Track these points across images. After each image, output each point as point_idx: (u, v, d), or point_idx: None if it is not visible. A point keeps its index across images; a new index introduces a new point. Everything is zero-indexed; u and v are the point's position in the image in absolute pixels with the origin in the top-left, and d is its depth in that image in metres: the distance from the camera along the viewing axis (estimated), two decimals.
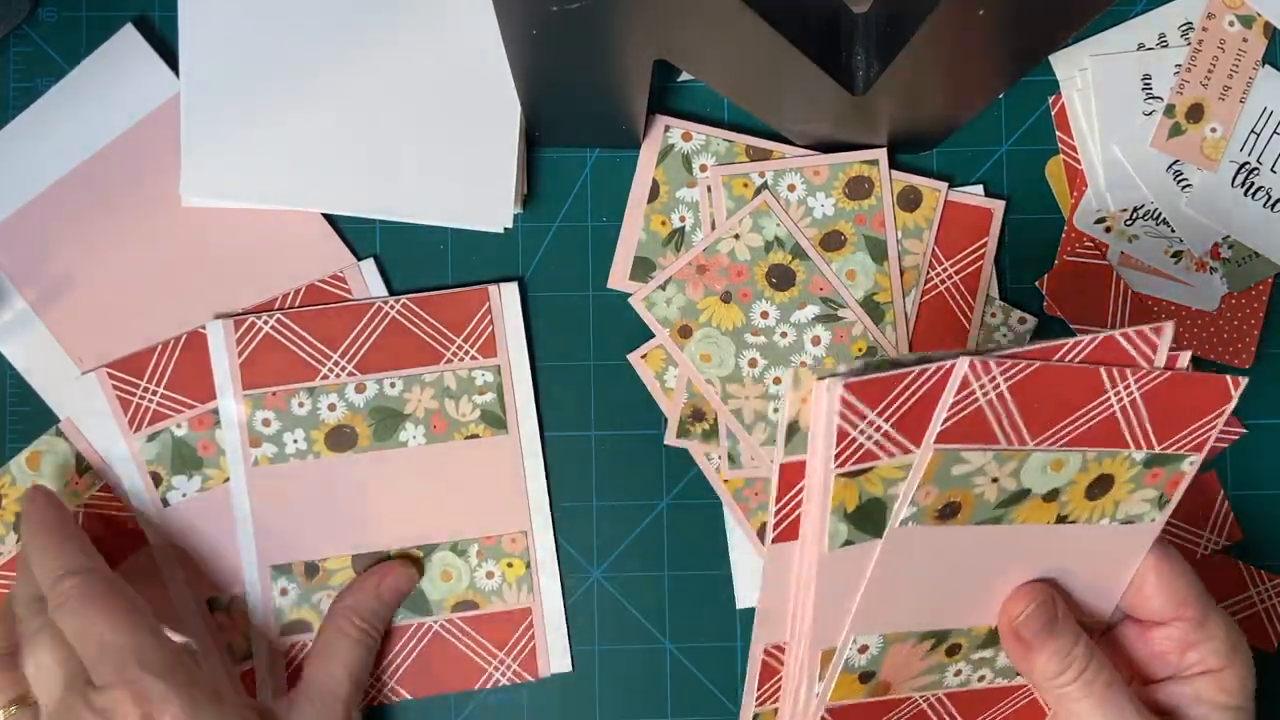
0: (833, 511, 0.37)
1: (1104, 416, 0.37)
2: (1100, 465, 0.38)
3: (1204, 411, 0.38)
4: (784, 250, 0.50)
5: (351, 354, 0.48)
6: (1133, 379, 0.36)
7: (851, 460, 0.36)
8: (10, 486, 0.49)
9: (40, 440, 0.49)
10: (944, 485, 0.37)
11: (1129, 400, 0.37)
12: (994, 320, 0.51)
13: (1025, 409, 0.36)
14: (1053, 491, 0.38)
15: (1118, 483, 0.38)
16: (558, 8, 0.37)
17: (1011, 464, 0.37)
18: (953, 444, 0.36)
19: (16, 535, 0.49)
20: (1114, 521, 0.39)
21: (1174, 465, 0.38)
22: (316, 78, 0.49)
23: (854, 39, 0.43)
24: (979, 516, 0.38)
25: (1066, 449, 0.37)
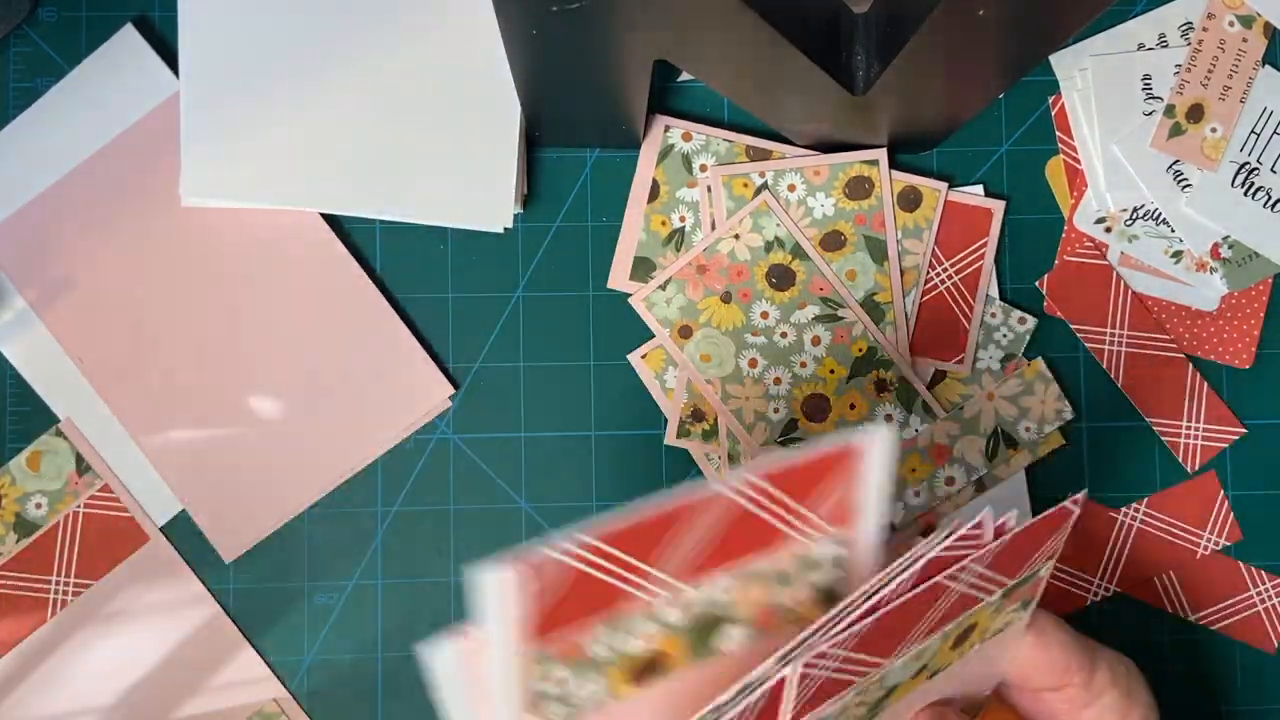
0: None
1: (952, 602, 0.36)
2: (960, 626, 0.37)
3: (1051, 535, 0.37)
4: (784, 250, 0.50)
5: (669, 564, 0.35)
6: (971, 564, 0.35)
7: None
8: (10, 486, 0.49)
9: (40, 440, 0.49)
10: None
11: (975, 577, 0.36)
12: (994, 320, 0.51)
13: (874, 649, 0.35)
14: (922, 669, 0.37)
15: (980, 624, 0.38)
16: (558, 8, 0.37)
17: (873, 685, 0.36)
18: (807, 715, 0.34)
19: (17, 535, 0.49)
20: (984, 642, 0.39)
21: (1029, 580, 0.38)
22: (316, 78, 0.49)
23: (854, 39, 0.43)
24: (855, 716, 0.37)
25: (923, 642, 0.36)
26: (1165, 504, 0.51)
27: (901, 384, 0.50)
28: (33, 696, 0.49)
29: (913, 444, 0.50)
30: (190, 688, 0.49)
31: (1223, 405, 0.51)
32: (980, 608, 0.37)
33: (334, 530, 0.50)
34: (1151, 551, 0.50)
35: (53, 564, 0.49)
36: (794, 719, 0.34)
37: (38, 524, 0.49)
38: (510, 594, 0.30)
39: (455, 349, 0.51)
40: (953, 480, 0.50)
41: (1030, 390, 0.50)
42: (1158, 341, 0.51)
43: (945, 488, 0.50)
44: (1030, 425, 0.50)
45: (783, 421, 0.50)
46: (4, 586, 0.49)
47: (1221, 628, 0.51)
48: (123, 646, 0.49)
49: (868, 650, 0.35)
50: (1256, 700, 0.51)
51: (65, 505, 0.49)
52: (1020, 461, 0.50)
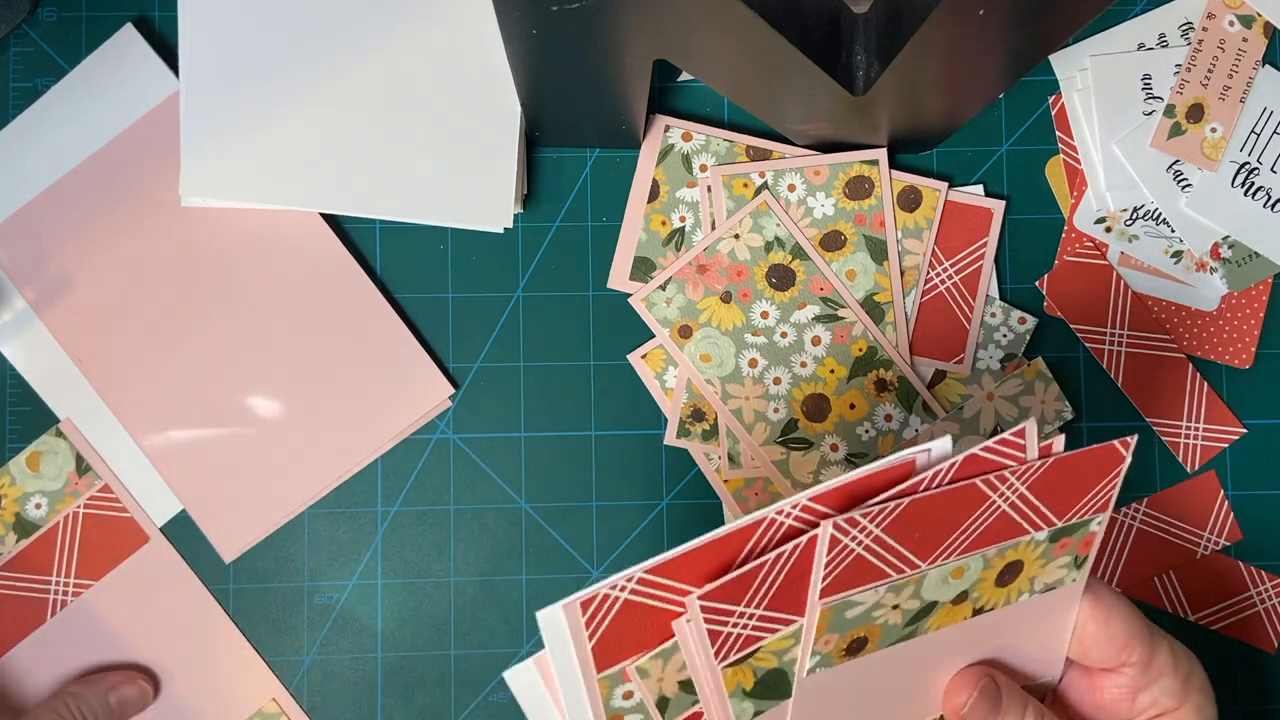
0: (731, 697, 0.36)
1: (994, 519, 0.36)
2: (1004, 557, 0.37)
3: (1099, 478, 0.37)
4: (784, 250, 0.50)
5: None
6: (1012, 477, 0.36)
7: (734, 651, 0.35)
8: (10, 486, 0.49)
9: (40, 440, 0.49)
10: (843, 629, 0.36)
11: (1015, 496, 0.36)
12: (994, 320, 0.51)
13: (908, 540, 0.35)
14: (961, 594, 0.37)
15: (1027, 563, 0.38)
16: (558, 8, 0.37)
17: (909, 588, 0.36)
18: (839, 594, 0.35)
19: (16, 536, 0.49)
20: (1033, 594, 0.38)
21: (1081, 530, 0.38)
22: (316, 78, 0.49)
23: (854, 39, 0.43)
24: (890, 639, 0.37)
25: (963, 556, 0.37)
26: (1165, 504, 0.51)
27: (901, 384, 0.50)
28: (33, 696, 0.49)
29: (912, 444, 0.49)
30: (190, 688, 0.49)
31: (1223, 405, 0.51)
32: (1025, 542, 0.37)
33: (334, 530, 0.50)
34: (1151, 551, 0.50)
35: (53, 564, 0.49)
36: (825, 588, 0.35)
37: (38, 524, 0.49)
38: (574, 628, 0.33)
39: (455, 349, 0.51)
40: None
41: (1030, 390, 0.50)
42: (1158, 341, 0.51)
43: None
44: None
45: (783, 421, 0.50)
46: (4, 587, 0.49)
47: (1221, 628, 0.51)
48: (123, 647, 0.49)
49: (902, 539, 0.35)
50: (1257, 700, 0.51)
51: (65, 505, 0.49)
52: None
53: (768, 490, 0.50)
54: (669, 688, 0.36)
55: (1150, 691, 0.39)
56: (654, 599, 0.35)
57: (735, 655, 0.35)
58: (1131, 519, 0.51)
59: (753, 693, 0.37)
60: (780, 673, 0.37)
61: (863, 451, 0.50)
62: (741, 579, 0.34)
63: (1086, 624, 0.39)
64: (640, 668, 0.35)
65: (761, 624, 0.35)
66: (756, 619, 0.35)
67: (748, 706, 0.37)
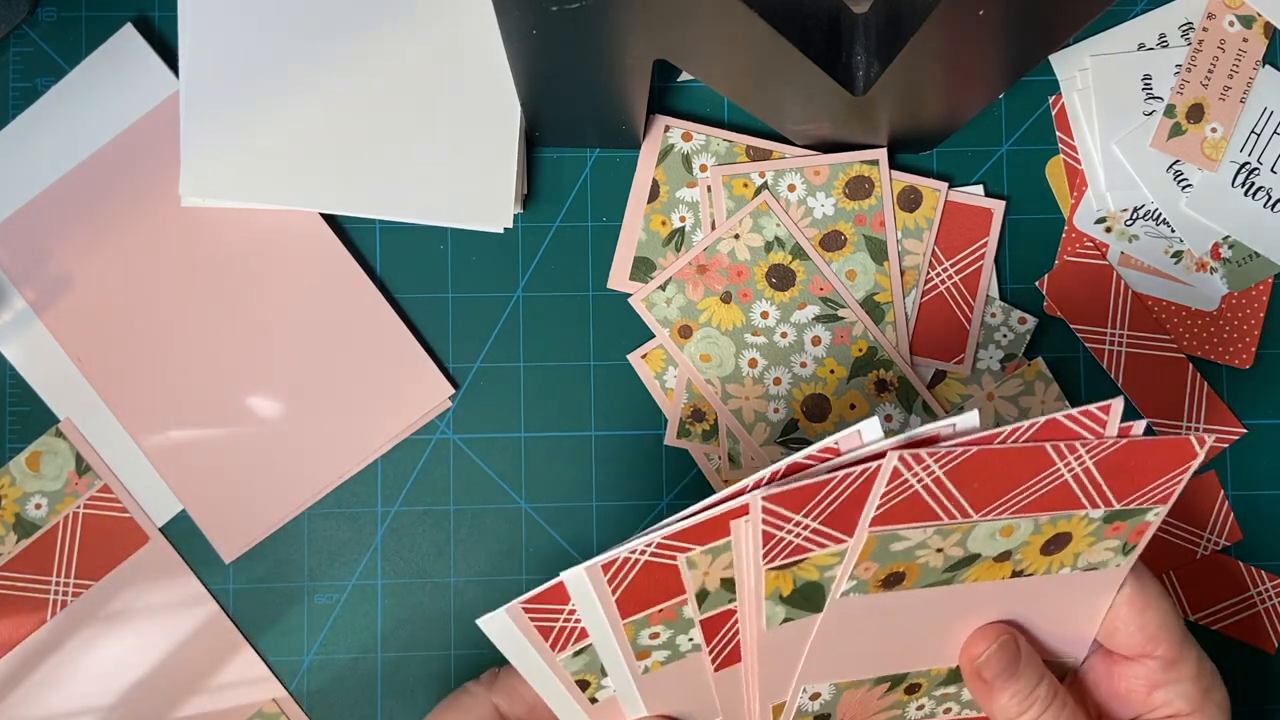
0: (767, 598, 0.38)
1: (1055, 486, 0.37)
2: (1055, 526, 0.38)
3: (1167, 469, 0.37)
4: (784, 250, 0.50)
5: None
6: (1083, 450, 0.36)
7: (781, 556, 0.37)
8: (10, 486, 0.49)
9: (40, 440, 0.49)
10: (884, 561, 0.37)
11: (1081, 469, 0.37)
12: (994, 320, 0.51)
13: (966, 488, 0.36)
14: (1005, 553, 0.38)
15: (1076, 538, 0.38)
16: (558, 8, 0.37)
17: (955, 535, 0.37)
18: (889, 526, 0.36)
19: (16, 536, 0.49)
20: (1075, 570, 0.39)
21: (1137, 518, 0.38)
22: (316, 78, 0.49)
23: (854, 39, 0.43)
24: (926, 581, 0.38)
25: (1016, 516, 0.37)
26: None
27: (901, 384, 0.50)
28: (33, 696, 0.49)
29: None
30: (190, 688, 0.49)
31: (1223, 405, 0.51)
32: (1079, 516, 0.37)
33: (334, 530, 0.50)
34: (1152, 551, 0.50)
35: (53, 564, 0.49)
36: (877, 516, 0.36)
37: (37, 524, 0.49)
38: (598, 583, 0.36)
39: (455, 349, 0.51)
40: None
41: (1030, 390, 0.50)
42: (1158, 341, 0.51)
43: None
44: None
45: (783, 422, 0.50)
46: (4, 587, 0.49)
47: (1221, 628, 0.51)
48: (123, 647, 0.49)
49: (961, 486, 0.36)
50: (1256, 700, 0.51)
51: (65, 506, 0.49)
52: None
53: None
54: (712, 582, 0.38)
55: (1167, 691, 0.39)
56: (671, 559, 0.37)
57: (781, 560, 0.37)
58: None
59: (789, 599, 0.38)
60: (817, 586, 0.38)
61: None
62: (805, 490, 0.36)
63: (1121, 607, 0.39)
64: (690, 559, 0.37)
65: (813, 537, 0.37)
66: (810, 531, 0.36)
67: (779, 610, 0.38)
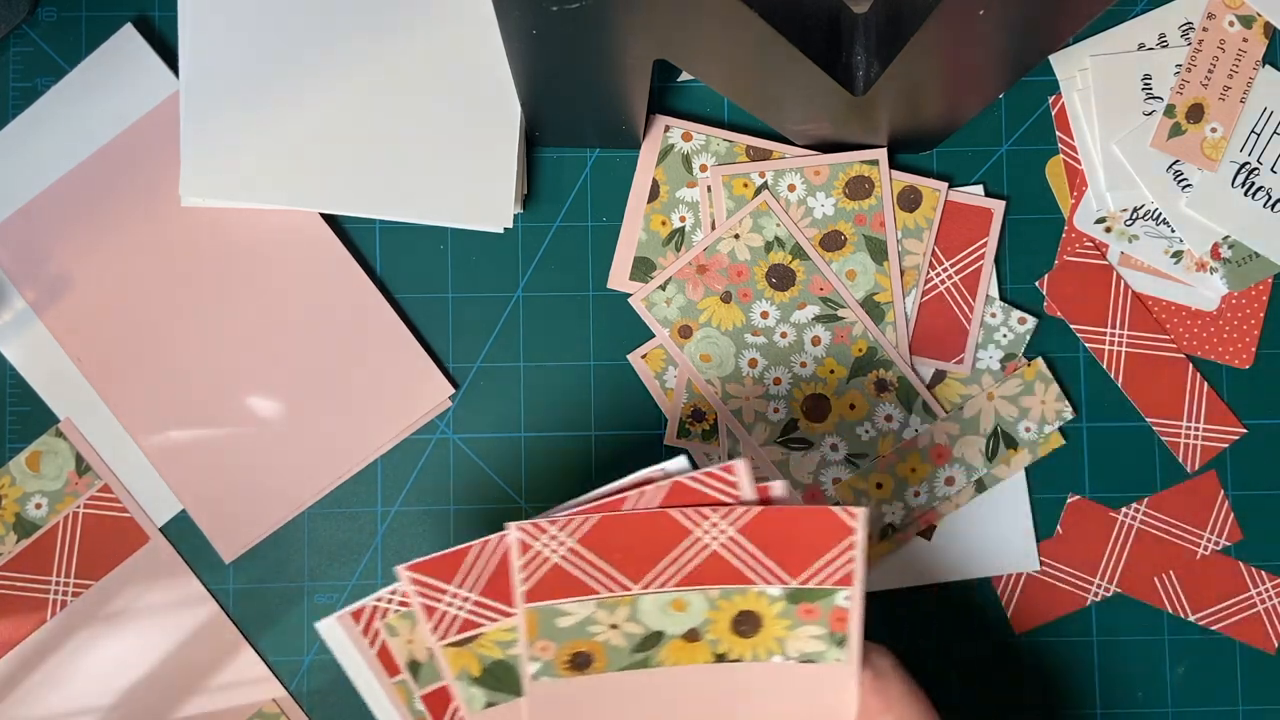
0: (457, 679, 0.38)
1: (706, 555, 0.37)
2: (732, 602, 0.38)
3: (829, 543, 0.37)
4: (784, 250, 0.50)
5: None
6: (717, 516, 0.37)
7: (452, 630, 0.38)
8: (10, 487, 0.49)
9: (40, 440, 0.49)
10: (557, 638, 0.38)
11: (726, 538, 0.37)
12: (994, 320, 0.51)
13: (609, 557, 0.37)
14: (692, 631, 0.38)
15: (767, 619, 0.38)
16: (558, 8, 0.37)
17: (623, 610, 0.38)
18: (547, 600, 0.37)
19: (16, 536, 0.49)
20: (788, 659, 0.39)
21: (826, 600, 0.38)
22: (316, 78, 0.49)
23: (854, 39, 0.43)
24: (619, 663, 0.38)
25: (681, 589, 0.38)
26: (1165, 504, 0.51)
27: (901, 384, 0.50)
28: (33, 696, 0.49)
29: (913, 444, 0.50)
30: (190, 688, 0.49)
31: (1223, 405, 0.51)
32: (755, 593, 0.38)
33: (334, 530, 0.50)
34: (1151, 551, 0.50)
35: (53, 564, 0.49)
36: (530, 591, 0.37)
37: (38, 524, 0.49)
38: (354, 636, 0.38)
39: (455, 349, 0.51)
40: (952, 480, 0.50)
41: (1030, 390, 0.50)
42: (1158, 341, 0.51)
43: (945, 488, 0.50)
44: (1030, 425, 0.50)
45: (783, 421, 0.50)
46: (4, 587, 0.49)
47: (1221, 628, 0.51)
48: (123, 647, 0.49)
49: (602, 554, 0.37)
50: (1256, 700, 0.51)
51: (65, 505, 0.49)
52: (1020, 461, 0.50)
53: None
54: (420, 652, 0.39)
55: None
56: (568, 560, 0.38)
57: (455, 636, 0.38)
58: (1132, 519, 0.51)
59: (481, 680, 0.39)
60: (507, 666, 0.39)
61: (863, 451, 0.50)
62: (450, 557, 0.38)
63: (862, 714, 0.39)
64: (389, 624, 0.39)
65: (478, 609, 0.38)
66: (472, 603, 0.38)
67: (478, 693, 0.39)
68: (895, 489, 0.49)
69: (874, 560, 0.50)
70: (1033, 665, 0.50)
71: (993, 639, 0.50)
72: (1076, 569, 0.50)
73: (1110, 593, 0.50)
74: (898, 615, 0.50)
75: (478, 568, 0.38)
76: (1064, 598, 0.50)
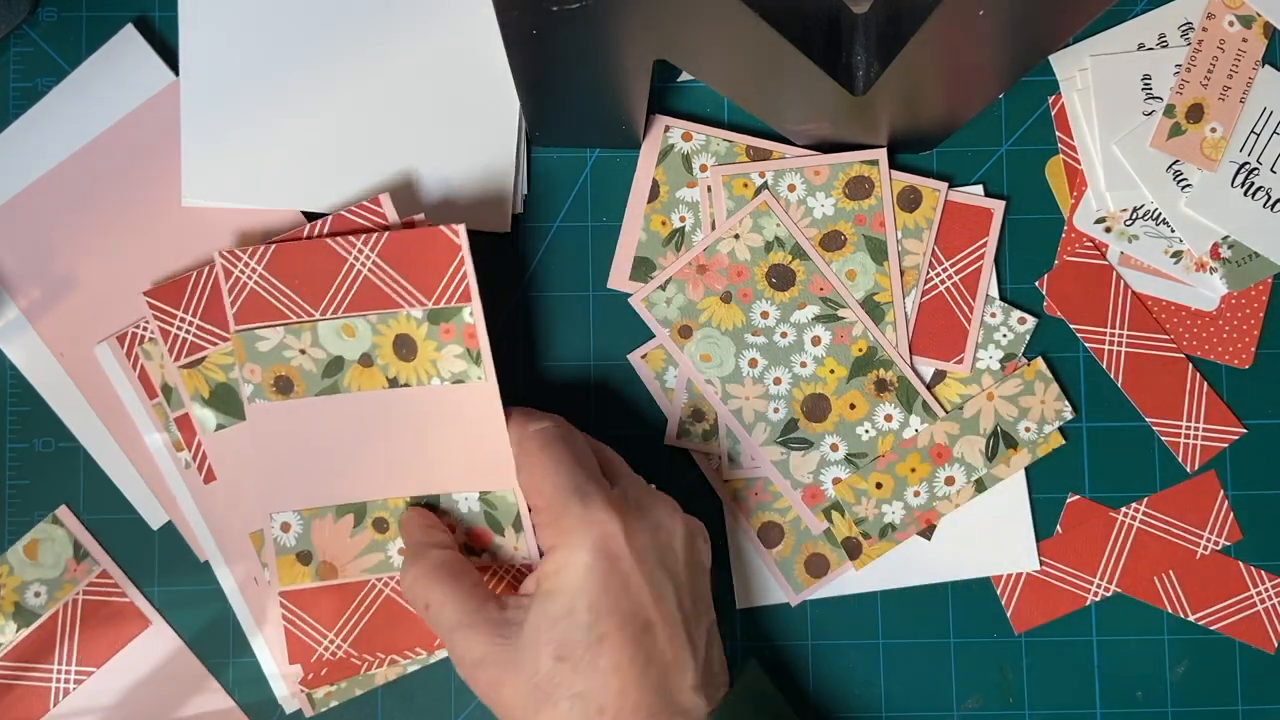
0: (192, 400, 0.46)
1: (360, 281, 0.44)
2: (389, 326, 0.44)
3: (446, 261, 0.44)
4: (784, 250, 0.50)
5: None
6: (360, 243, 0.44)
7: (184, 354, 0.46)
8: (9, 576, 0.48)
9: (37, 528, 0.49)
10: (262, 362, 0.44)
11: (370, 263, 0.44)
12: (994, 320, 0.51)
13: (291, 285, 0.44)
14: (365, 356, 0.44)
15: (419, 341, 0.44)
16: (558, 8, 0.37)
17: (306, 335, 0.44)
18: (249, 325, 0.44)
19: (16, 625, 0.48)
20: (445, 381, 0.44)
21: (457, 317, 0.44)
22: (317, 78, 0.49)
23: (854, 39, 0.43)
24: (315, 388, 0.45)
25: (349, 315, 0.44)
26: (1165, 504, 0.51)
27: (901, 384, 0.50)
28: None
29: (912, 444, 0.50)
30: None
31: (1222, 405, 0.51)
32: (404, 316, 0.44)
33: None
34: (1151, 551, 0.50)
35: (54, 652, 0.49)
36: (236, 314, 0.44)
37: (37, 613, 0.48)
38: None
39: None
40: (952, 480, 0.50)
41: (1030, 390, 0.50)
42: (1158, 341, 0.51)
43: (945, 487, 0.50)
44: (1030, 425, 0.50)
45: (783, 421, 0.50)
46: (6, 676, 0.48)
47: (1221, 628, 0.51)
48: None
49: (286, 281, 0.44)
50: (1256, 700, 0.51)
51: (64, 593, 0.49)
52: (1020, 461, 0.50)
53: (768, 490, 0.50)
54: (170, 375, 0.46)
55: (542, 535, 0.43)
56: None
57: (186, 358, 0.46)
58: (1131, 519, 0.51)
59: (211, 401, 0.46)
60: (230, 389, 0.46)
61: (863, 451, 0.50)
62: (178, 284, 0.46)
63: (523, 479, 0.44)
64: (143, 349, 0.46)
65: (201, 335, 0.45)
66: (196, 328, 0.45)
67: (209, 414, 0.46)
68: (895, 489, 0.49)
69: (873, 558, 0.50)
70: (1033, 665, 0.50)
71: (993, 639, 0.50)
72: (1076, 569, 0.50)
73: (1110, 592, 0.50)
74: (898, 615, 0.50)
75: (199, 294, 0.45)
76: (1064, 597, 0.50)
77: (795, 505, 0.50)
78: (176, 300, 0.45)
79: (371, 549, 0.46)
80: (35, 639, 0.48)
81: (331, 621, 0.46)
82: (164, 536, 0.50)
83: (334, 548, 0.46)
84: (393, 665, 0.48)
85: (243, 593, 0.48)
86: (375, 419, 0.45)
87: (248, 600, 0.48)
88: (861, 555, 0.50)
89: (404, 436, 0.45)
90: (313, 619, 0.46)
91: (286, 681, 0.48)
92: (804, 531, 0.50)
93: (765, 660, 0.50)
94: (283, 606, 0.46)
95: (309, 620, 0.46)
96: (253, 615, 0.48)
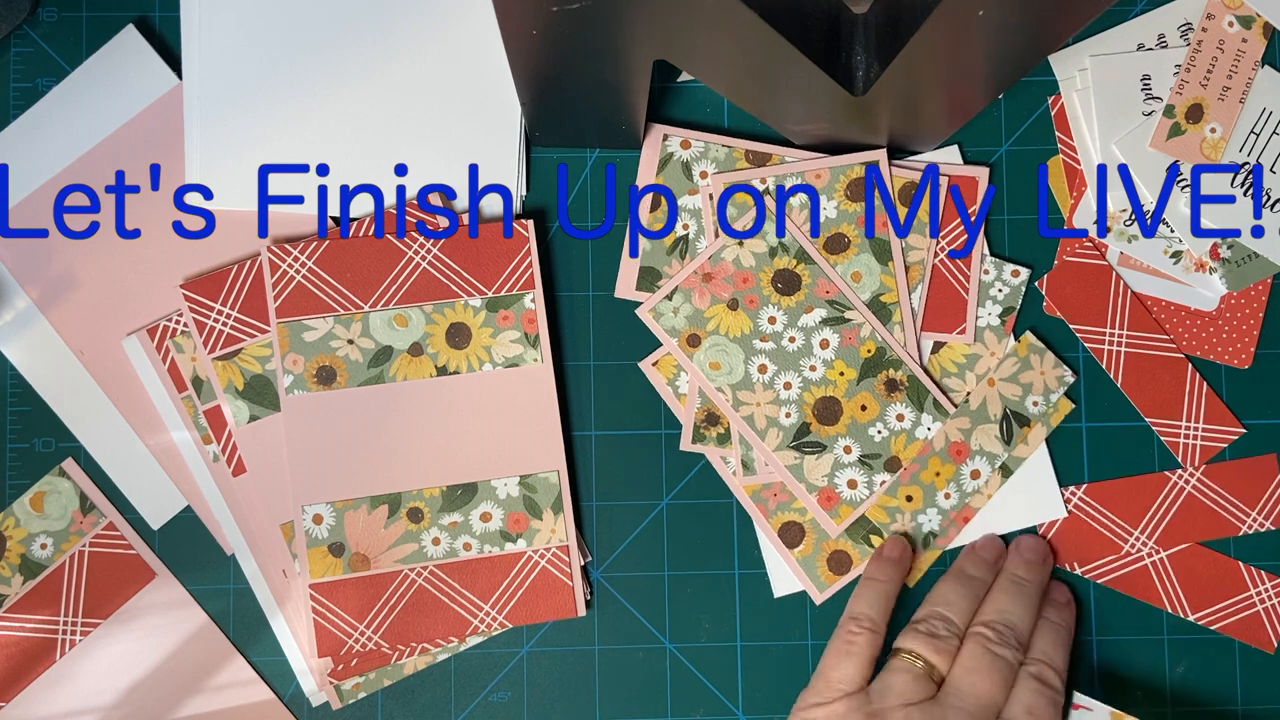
0: (225, 392, 0.46)
1: (418, 274, 0.45)
2: (444, 315, 0.45)
3: (511, 254, 0.46)
4: (788, 255, 0.50)
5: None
6: (423, 238, 0.46)
7: (219, 345, 0.46)
8: (15, 528, 0.49)
9: (44, 480, 0.49)
10: (306, 352, 0.45)
11: (431, 258, 0.45)
12: (988, 277, 0.50)
13: (342, 278, 0.45)
14: (415, 345, 0.45)
15: (474, 329, 0.45)
16: (558, 8, 0.37)
17: (356, 325, 0.45)
18: (294, 316, 0.45)
19: (23, 577, 0.48)
20: (497, 366, 0.46)
21: (518, 303, 0.46)
22: (318, 79, 0.49)
23: (854, 39, 0.43)
24: (359, 378, 0.45)
25: (402, 306, 0.45)
26: (1222, 475, 0.51)
27: (912, 383, 0.50)
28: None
29: (930, 448, 0.50)
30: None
31: (1222, 405, 0.51)
32: (461, 305, 0.46)
33: None
34: (1196, 517, 0.50)
35: (60, 604, 0.49)
36: (279, 307, 0.45)
37: (44, 564, 0.48)
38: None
39: None
40: (978, 473, 0.50)
41: (1027, 365, 0.50)
42: (1157, 341, 0.51)
43: (972, 481, 0.50)
44: (1037, 399, 0.50)
45: (795, 426, 0.49)
46: (13, 628, 0.48)
47: (1221, 628, 0.51)
48: (132, 683, 0.49)
49: (336, 275, 0.46)
50: (1256, 700, 0.51)
51: (70, 545, 0.49)
52: (1038, 436, 0.50)
53: (785, 492, 0.50)
54: (201, 369, 0.47)
55: None
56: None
57: (222, 350, 0.46)
58: (1185, 481, 0.51)
59: (245, 393, 0.46)
60: (265, 381, 0.46)
61: (876, 452, 0.49)
62: (217, 276, 0.46)
63: None
64: (175, 342, 0.46)
65: (240, 326, 0.45)
66: (233, 320, 0.45)
67: (242, 406, 0.47)
68: (925, 497, 0.50)
69: (923, 570, 0.50)
70: None
71: None
72: (1120, 517, 0.50)
73: (1148, 549, 0.50)
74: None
75: (239, 286, 0.45)
76: (1100, 542, 0.50)
77: (811, 508, 0.50)
78: (214, 292, 0.46)
79: (405, 539, 0.47)
80: (42, 590, 0.48)
81: (363, 613, 0.47)
82: (165, 536, 0.49)
83: (368, 539, 0.46)
84: (423, 654, 0.48)
85: (269, 584, 0.48)
86: (420, 408, 0.46)
87: (274, 592, 0.48)
88: (911, 570, 0.50)
89: (448, 424, 0.46)
90: (344, 611, 0.47)
91: (314, 675, 0.48)
92: (824, 531, 0.50)
93: (796, 651, 0.50)
94: (313, 599, 0.46)
95: (340, 612, 0.46)
96: (279, 607, 0.48)
